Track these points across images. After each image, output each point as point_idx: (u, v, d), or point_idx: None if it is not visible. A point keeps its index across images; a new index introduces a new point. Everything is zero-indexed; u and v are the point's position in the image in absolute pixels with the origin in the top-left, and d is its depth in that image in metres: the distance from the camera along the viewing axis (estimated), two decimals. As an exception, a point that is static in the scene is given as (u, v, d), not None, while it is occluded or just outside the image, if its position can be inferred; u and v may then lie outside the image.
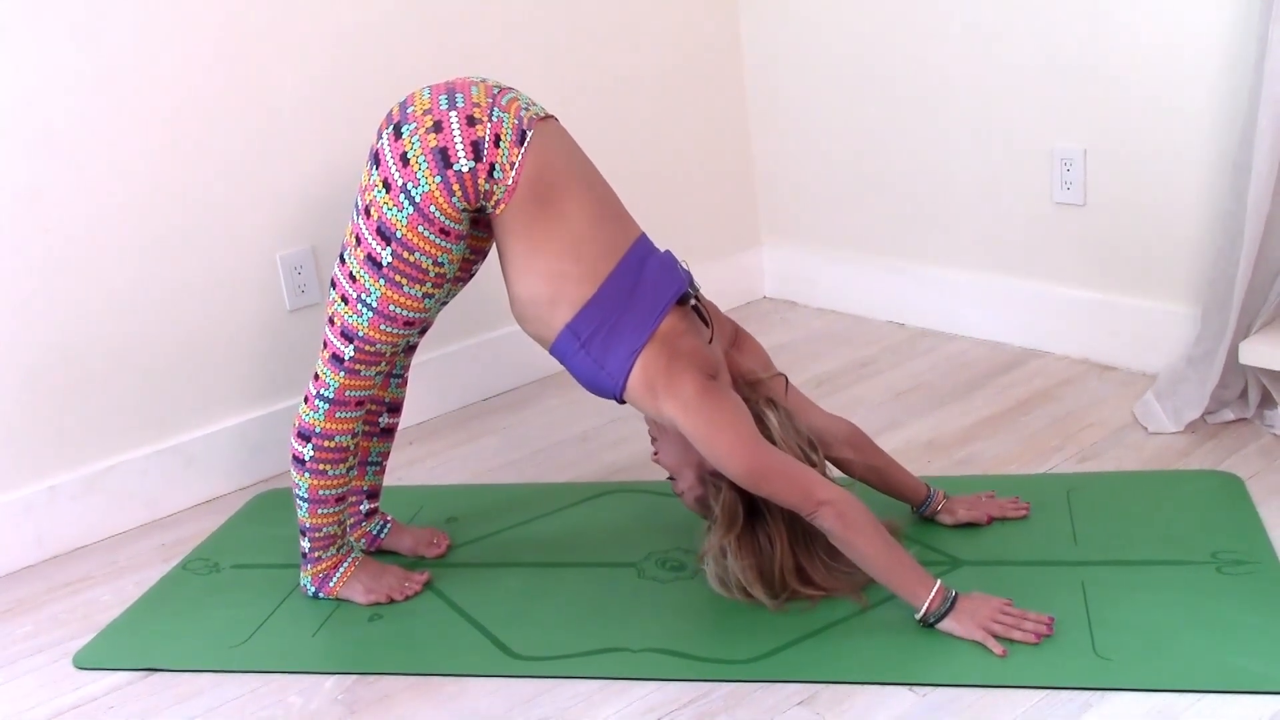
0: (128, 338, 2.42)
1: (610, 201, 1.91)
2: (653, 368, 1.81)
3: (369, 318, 1.86)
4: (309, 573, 2.05)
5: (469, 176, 1.79)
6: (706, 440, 1.78)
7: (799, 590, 1.87)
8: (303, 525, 2.01)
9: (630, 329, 1.81)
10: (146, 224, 2.41)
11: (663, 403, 1.80)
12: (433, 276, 1.85)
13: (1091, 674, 1.68)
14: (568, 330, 1.82)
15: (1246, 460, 2.21)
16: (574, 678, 1.81)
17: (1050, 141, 2.66)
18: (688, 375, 1.79)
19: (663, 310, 1.83)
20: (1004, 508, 2.09)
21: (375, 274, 1.84)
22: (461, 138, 1.79)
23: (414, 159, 1.79)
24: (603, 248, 1.84)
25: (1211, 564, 1.89)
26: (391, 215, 1.81)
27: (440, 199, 1.80)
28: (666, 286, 1.85)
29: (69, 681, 1.95)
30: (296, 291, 2.61)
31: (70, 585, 2.26)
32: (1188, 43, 2.40)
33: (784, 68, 3.15)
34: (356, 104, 2.62)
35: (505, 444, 2.67)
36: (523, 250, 1.83)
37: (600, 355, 1.82)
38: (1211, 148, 2.41)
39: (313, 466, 1.95)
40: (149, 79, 2.37)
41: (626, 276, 1.84)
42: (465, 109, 1.80)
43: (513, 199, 1.81)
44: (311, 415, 1.94)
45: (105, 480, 2.42)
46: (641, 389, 1.82)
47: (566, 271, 1.82)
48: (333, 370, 1.91)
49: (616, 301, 1.82)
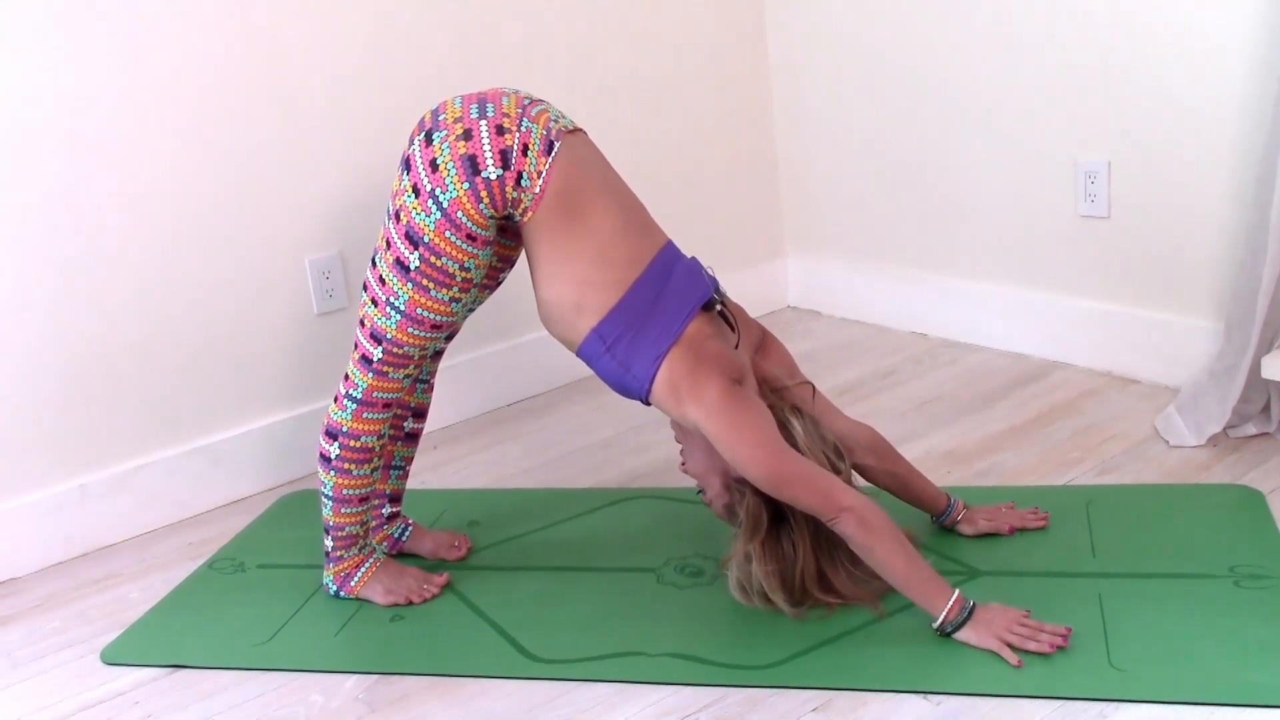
0: (157, 339, 2.46)
1: (636, 211, 1.93)
2: (678, 371, 1.82)
3: (397, 320, 1.89)
4: (331, 571, 2.08)
5: (496, 184, 1.82)
6: (729, 444, 1.79)
7: (820, 598, 1.88)
8: (327, 523, 2.04)
9: (655, 334, 1.83)
10: (177, 227, 2.45)
11: (687, 406, 1.82)
12: (459, 281, 1.88)
13: (1106, 686, 1.68)
14: (594, 335, 1.84)
15: (1268, 475, 2.21)
16: (591, 681, 1.82)
17: (1074, 154, 2.66)
18: (712, 380, 1.81)
19: (688, 315, 1.85)
20: (1024, 518, 2.10)
21: (403, 278, 1.86)
22: (490, 146, 1.81)
23: (443, 165, 1.82)
24: (628, 255, 1.86)
25: (1229, 578, 1.89)
26: (420, 220, 1.84)
27: (468, 205, 1.82)
28: (691, 292, 1.87)
29: (96, 677, 1.98)
30: (324, 296, 2.64)
31: (99, 583, 2.29)
32: (1212, 57, 2.40)
33: (809, 80, 3.17)
34: (385, 111, 2.65)
35: (527, 449, 2.69)
36: (550, 257, 1.86)
37: (626, 359, 1.84)
38: (1235, 161, 2.41)
39: (338, 465, 1.98)
40: (181, 84, 2.40)
41: (652, 283, 1.86)
42: (495, 118, 1.83)
43: (539, 208, 1.83)
44: (339, 414, 1.97)
45: (134, 480, 2.46)
46: (666, 392, 1.83)
47: (592, 278, 1.84)
48: (362, 371, 1.94)
49: (642, 307, 1.84)
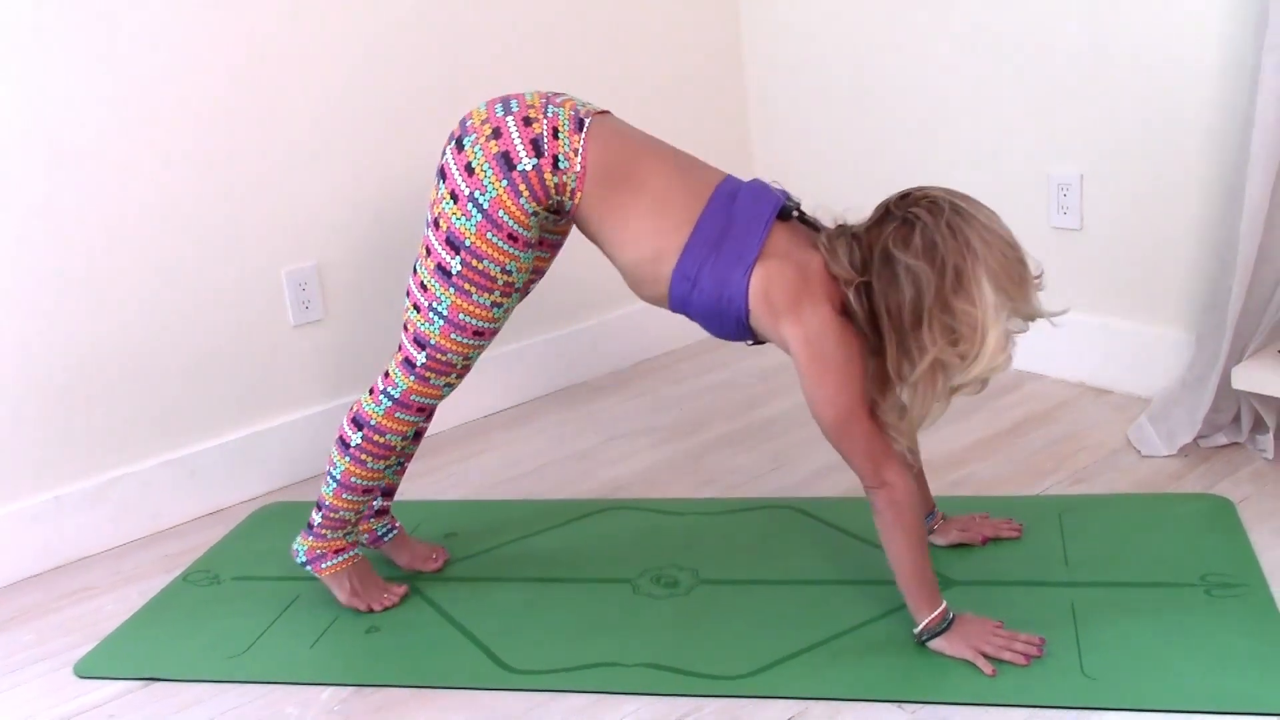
0: (134, 350, 2.45)
1: (684, 157, 1.89)
2: (775, 285, 1.76)
3: (440, 325, 1.89)
4: (307, 543, 2.06)
5: (534, 174, 1.81)
6: (813, 377, 1.75)
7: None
8: (322, 501, 2.03)
9: (736, 250, 1.77)
10: (155, 238, 2.44)
11: (783, 323, 1.76)
12: (501, 285, 1.87)
13: (1078, 694, 1.69)
14: (677, 276, 1.80)
15: (1238, 484, 2.23)
16: (567, 691, 1.83)
17: (1047, 166, 2.69)
18: (820, 306, 1.75)
19: (766, 225, 1.78)
20: (998, 528, 2.11)
21: (445, 282, 1.86)
22: (520, 137, 1.81)
23: (478, 167, 1.82)
24: (690, 195, 1.82)
25: (1200, 587, 1.91)
26: (460, 224, 1.83)
27: (509, 202, 1.82)
28: (762, 205, 1.81)
29: (70, 690, 1.97)
30: (301, 307, 2.64)
31: (74, 594, 2.28)
32: (1184, 70, 2.43)
33: (781, 93, 3.19)
34: (364, 122, 2.65)
35: (504, 461, 2.69)
36: (614, 225, 1.83)
37: (716, 284, 1.78)
38: (1207, 174, 2.44)
39: (355, 454, 1.98)
40: (159, 97, 2.40)
41: (720, 210, 1.81)
42: (520, 111, 1.83)
43: (585, 185, 1.81)
44: (372, 407, 1.97)
45: (111, 491, 2.45)
46: (762, 306, 1.77)
47: (660, 226, 1.81)
48: (403, 372, 1.94)
49: (715, 233, 1.79)
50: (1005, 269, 1.69)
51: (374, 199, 2.70)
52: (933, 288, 1.68)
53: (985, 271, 1.67)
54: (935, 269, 1.68)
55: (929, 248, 1.69)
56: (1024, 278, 1.71)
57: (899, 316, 1.71)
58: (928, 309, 1.68)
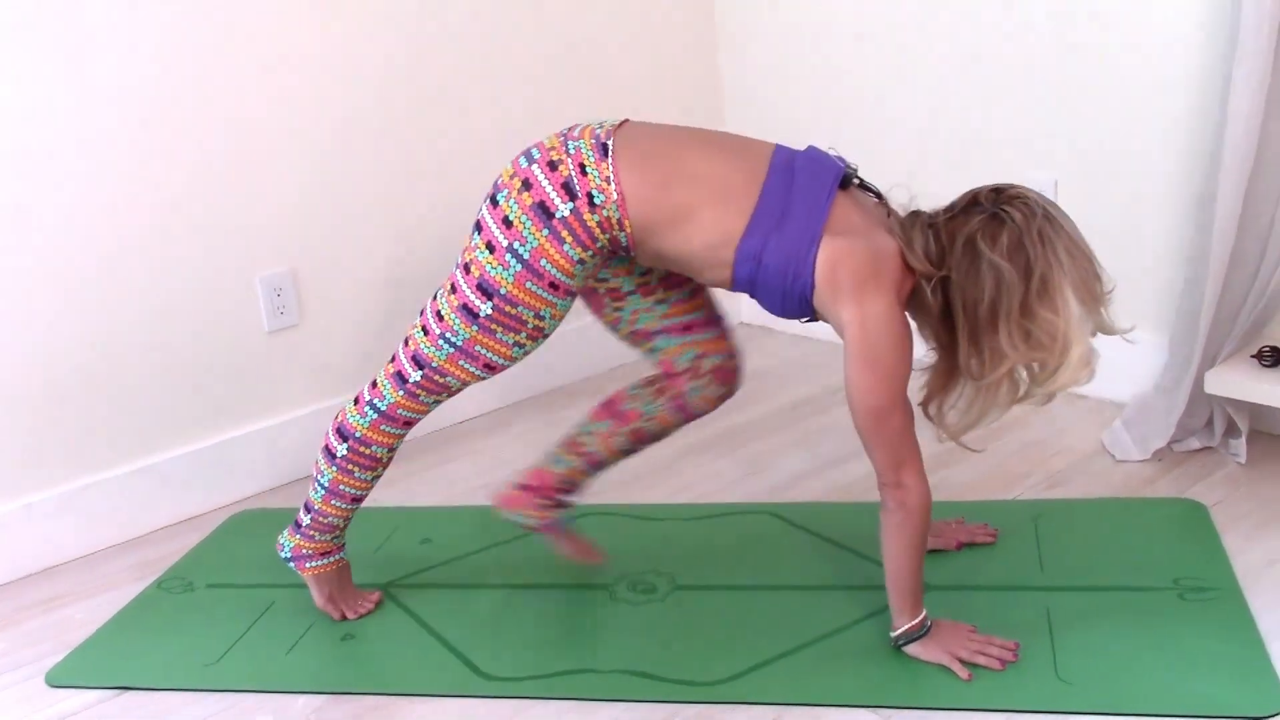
0: (106, 356, 2.43)
1: (726, 136, 1.86)
2: (844, 265, 1.71)
3: (448, 353, 1.86)
4: (293, 540, 2.04)
5: (573, 218, 1.76)
6: (860, 364, 1.71)
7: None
8: (310, 505, 2.02)
9: (800, 225, 1.73)
10: (125, 244, 2.42)
11: (843, 303, 1.71)
12: (530, 329, 1.84)
13: (1053, 698, 1.70)
14: (740, 256, 1.75)
15: (1211, 488, 2.24)
16: (543, 698, 1.82)
17: (1021, 172, 2.69)
18: (884, 294, 1.70)
19: (829, 197, 1.74)
20: (972, 533, 2.12)
21: (470, 322, 1.83)
22: (551, 184, 1.76)
23: (516, 220, 1.77)
24: (744, 175, 1.77)
25: (1174, 590, 1.92)
26: (496, 274, 1.79)
27: (552, 251, 1.77)
28: (825, 176, 1.76)
29: (42, 699, 1.96)
30: (275, 313, 2.62)
31: (44, 603, 2.26)
32: (1158, 79, 2.44)
33: (758, 120, 3.19)
34: (337, 127, 2.64)
35: (480, 467, 2.68)
36: (675, 228, 1.77)
37: (780, 262, 1.73)
38: (1180, 181, 2.45)
39: (341, 464, 1.97)
40: (129, 99, 2.38)
41: (779, 187, 1.75)
42: (543, 157, 1.78)
43: (628, 208, 1.75)
44: (356, 419, 1.95)
45: (81, 499, 2.43)
46: (826, 283, 1.72)
47: (722, 213, 1.75)
48: (393, 385, 1.92)
49: (777, 209, 1.74)
50: (1086, 283, 1.68)
51: (348, 204, 2.69)
52: (1017, 291, 1.66)
53: (1069, 283, 1.66)
54: (1021, 272, 1.65)
55: (1016, 249, 1.66)
56: (1101, 294, 1.71)
57: (974, 312, 1.69)
58: (1006, 311, 1.66)
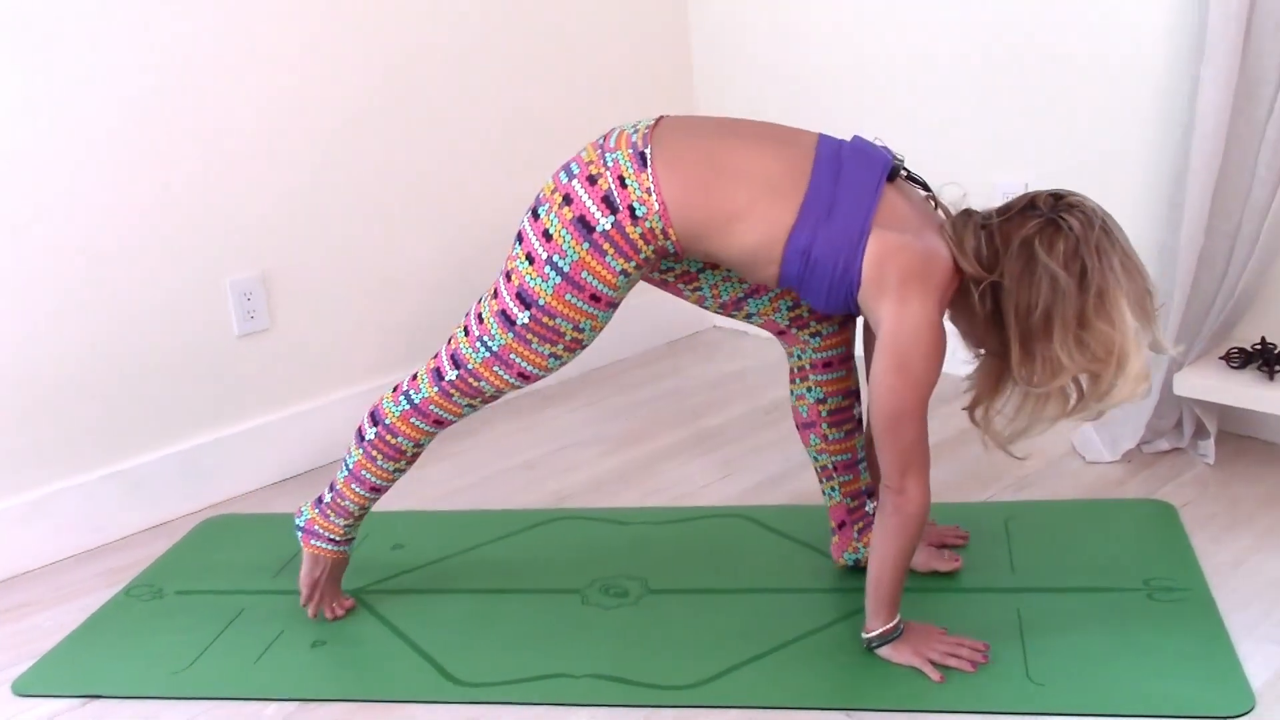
0: (74, 361, 2.41)
1: (768, 127, 1.83)
2: (892, 262, 1.68)
3: (484, 357, 1.86)
4: (313, 513, 2.05)
5: (615, 231, 1.75)
6: (889, 365, 1.68)
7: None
8: (334, 483, 2.03)
9: (848, 219, 1.70)
10: (94, 247, 2.40)
11: (884, 300, 1.69)
12: (567, 340, 1.83)
13: (1024, 699, 1.71)
14: (789, 252, 1.72)
15: (1180, 489, 2.26)
16: (516, 704, 1.82)
17: (991, 175, 2.71)
18: (927, 301, 1.68)
19: (876, 190, 1.71)
20: (944, 535, 2.13)
21: (506, 328, 1.82)
22: (591, 198, 1.75)
23: (556, 233, 1.77)
24: (790, 167, 1.74)
25: (1143, 591, 1.93)
26: (535, 284, 1.79)
27: (593, 264, 1.76)
28: (872, 168, 1.74)
29: (8, 709, 1.93)
30: (246, 317, 2.61)
31: (12, 611, 2.24)
32: (1126, 80, 2.46)
33: (731, 115, 3.20)
34: (308, 128, 2.63)
35: (452, 471, 2.68)
36: (723, 231, 1.74)
37: (829, 256, 1.71)
38: (1148, 183, 2.47)
39: (367, 448, 1.98)
40: (97, 102, 2.37)
41: (826, 180, 1.72)
42: (582, 171, 1.77)
43: (673, 218, 1.73)
44: (390, 406, 1.96)
45: (49, 505, 2.41)
46: (873, 278, 1.70)
47: (769, 209, 1.73)
48: (430, 380, 1.92)
49: (825, 202, 1.71)
50: (1139, 299, 1.67)
51: (319, 208, 2.68)
52: (1074, 302, 1.64)
53: (1125, 297, 1.65)
54: (1077, 282, 1.64)
55: (1072, 257, 1.64)
56: (1153, 311, 1.69)
57: (1027, 319, 1.67)
58: (1061, 320, 1.64)
